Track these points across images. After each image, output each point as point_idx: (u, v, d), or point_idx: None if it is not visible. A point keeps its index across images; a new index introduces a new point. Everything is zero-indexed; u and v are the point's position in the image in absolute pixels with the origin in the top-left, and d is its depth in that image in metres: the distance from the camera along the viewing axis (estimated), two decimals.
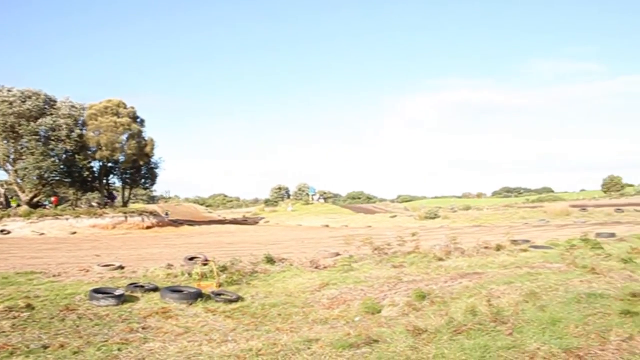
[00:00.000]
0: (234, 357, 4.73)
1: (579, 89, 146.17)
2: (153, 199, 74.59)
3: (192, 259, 12.49)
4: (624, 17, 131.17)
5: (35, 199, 34.63)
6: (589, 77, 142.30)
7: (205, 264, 10.83)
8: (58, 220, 30.73)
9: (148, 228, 33.79)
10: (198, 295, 7.78)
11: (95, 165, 37.94)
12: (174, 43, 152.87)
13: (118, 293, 7.66)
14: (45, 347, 5.13)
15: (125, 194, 41.00)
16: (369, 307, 6.90)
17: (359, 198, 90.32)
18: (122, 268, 11.63)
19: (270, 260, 11.77)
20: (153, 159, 39.77)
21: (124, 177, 39.89)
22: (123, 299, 7.52)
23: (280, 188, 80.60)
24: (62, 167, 34.98)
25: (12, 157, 33.76)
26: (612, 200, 55.22)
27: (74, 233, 29.57)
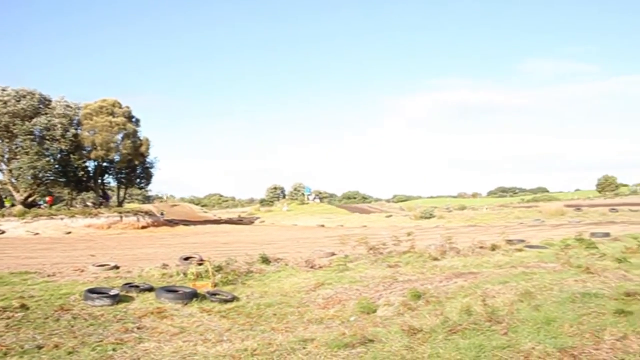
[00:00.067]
0: (229, 357, 4.72)
1: (579, 89, 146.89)
2: (148, 199, 74.33)
3: (187, 259, 12.47)
4: (622, 17, 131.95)
5: (30, 199, 34.43)
6: (588, 77, 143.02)
7: (201, 264, 10.81)
8: (53, 220, 30.57)
9: (143, 228, 33.68)
10: (193, 295, 7.78)
11: (91, 165, 37.86)
12: (174, 43, 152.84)
13: (113, 293, 7.65)
14: (40, 347, 5.11)
15: (121, 194, 40.90)
16: (365, 306, 6.91)
17: (355, 198, 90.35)
18: (117, 268, 11.62)
19: (266, 260, 11.78)
20: (148, 159, 39.71)
21: (119, 176, 39.77)
22: (118, 299, 7.51)
23: (276, 188, 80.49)
24: (56, 166, 34.80)
25: (6, 156, 33.56)
26: (606, 200, 55.46)
27: (69, 233, 29.44)
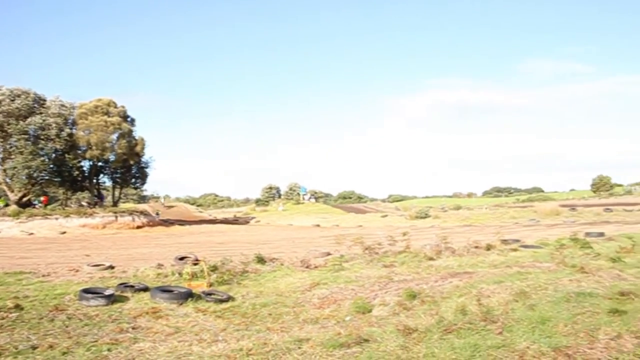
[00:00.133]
0: (225, 357, 4.71)
1: (578, 89, 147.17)
2: (144, 199, 74.15)
3: (182, 259, 12.45)
4: (622, 17, 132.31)
5: (25, 199, 34.27)
6: (588, 77, 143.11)
7: (196, 264, 10.80)
8: (47, 220, 30.47)
9: (138, 228, 33.62)
10: (188, 295, 7.76)
11: (86, 165, 37.71)
12: (174, 42, 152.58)
13: (108, 293, 7.62)
14: (34, 347, 5.08)
15: (116, 194, 40.80)
16: (360, 306, 6.91)
17: (350, 198, 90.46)
18: (112, 268, 11.57)
19: (261, 260, 11.76)
20: (144, 159, 39.71)
21: (115, 176, 39.70)
22: (113, 299, 7.48)
23: (272, 188, 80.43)
24: (51, 166, 34.68)
25: (0, 156, 33.43)
26: (601, 200, 55.83)
27: (64, 233, 29.33)
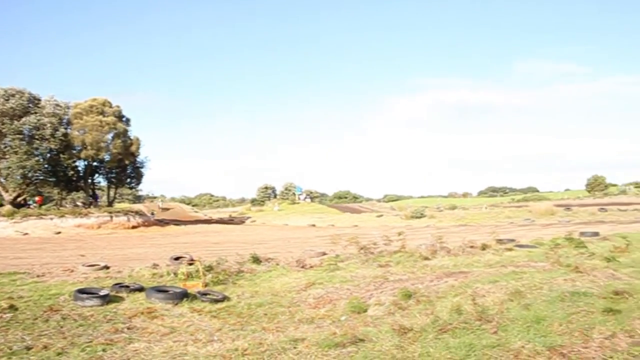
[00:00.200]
0: (220, 357, 4.71)
1: (578, 89, 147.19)
2: (139, 199, 73.89)
3: (178, 259, 12.41)
4: (622, 17, 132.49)
5: (19, 199, 34.14)
6: (588, 77, 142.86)
7: (191, 264, 10.75)
8: (42, 220, 30.34)
9: (134, 228, 33.53)
10: (184, 295, 7.74)
11: (80, 165, 37.63)
12: (173, 42, 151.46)
13: (103, 293, 7.59)
14: (29, 348, 5.06)
15: (111, 194, 40.64)
16: (355, 306, 6.92)
17: (346, 197, 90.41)
18: (107, 268, 11.52)
19: (257, 260, 11.74)
20: (139, 159, 39.59)
21: (110, 176, 39.55)
22: (108, 299, 7.46)
23: (267, 187, 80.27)
24: (46, 166, 34.54)
25: None
26: (596, 200, 56.06)
27: (59, 233, 29.20)
